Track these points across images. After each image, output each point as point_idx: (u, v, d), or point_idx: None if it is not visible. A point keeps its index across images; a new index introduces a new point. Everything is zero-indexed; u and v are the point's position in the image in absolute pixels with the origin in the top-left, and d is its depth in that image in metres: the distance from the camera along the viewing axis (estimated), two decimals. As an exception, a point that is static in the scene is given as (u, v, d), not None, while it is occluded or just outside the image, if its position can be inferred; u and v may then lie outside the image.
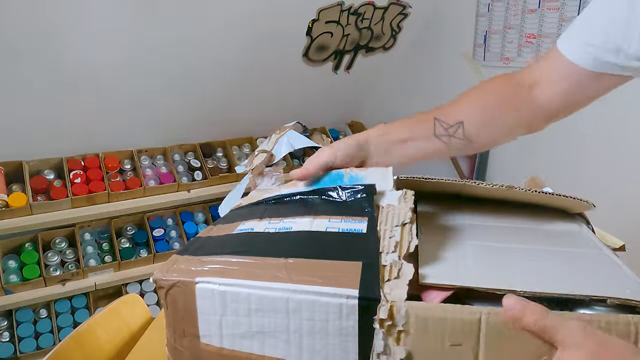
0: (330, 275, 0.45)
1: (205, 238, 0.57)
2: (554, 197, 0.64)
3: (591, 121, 1.69)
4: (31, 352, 1.76)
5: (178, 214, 2.18)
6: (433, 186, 0.67)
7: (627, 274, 0.50)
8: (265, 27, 1.97)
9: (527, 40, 1.98)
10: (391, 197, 0.60)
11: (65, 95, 1.79)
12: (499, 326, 0.42)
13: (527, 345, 0.42)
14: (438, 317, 0.43)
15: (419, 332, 0.43)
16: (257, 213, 0.62)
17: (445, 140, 0.72)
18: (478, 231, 0.62)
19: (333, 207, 0.60)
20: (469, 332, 0.42)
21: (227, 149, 2.28)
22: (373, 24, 2.22)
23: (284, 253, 0.49)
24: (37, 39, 1.59)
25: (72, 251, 1.92)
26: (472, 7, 2.15)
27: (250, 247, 0.53)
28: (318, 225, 0.55)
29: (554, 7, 1.87)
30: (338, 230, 0.53)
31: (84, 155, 1.98)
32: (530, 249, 0.57)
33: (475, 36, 2.17)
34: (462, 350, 0.42)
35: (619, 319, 0.42)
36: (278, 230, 0.55)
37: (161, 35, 1.80)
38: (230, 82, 2.11)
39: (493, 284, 0.47)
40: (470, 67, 2.22)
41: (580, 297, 0.45)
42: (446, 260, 0.53)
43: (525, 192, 0.62)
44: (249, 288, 0.46)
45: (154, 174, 2.08)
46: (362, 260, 0.47)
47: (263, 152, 0.79)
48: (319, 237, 0.53)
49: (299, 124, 0.82)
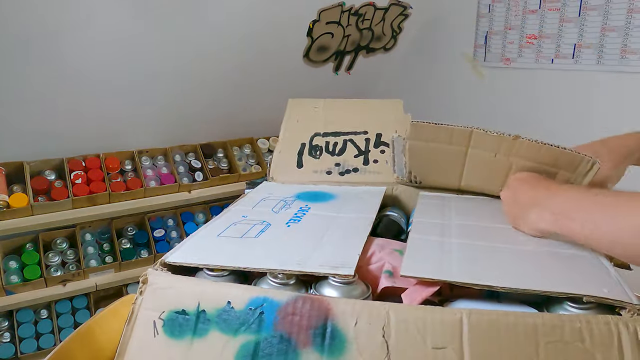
0: None
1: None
2: (561, 151, 0.65)
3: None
4: (32, 352, 1.77)
5: (179, 215, 2.18)
6: (438, 167, 0.73)
7: (610, 275, 0.50)
8: (266, 28, 1.97)
9: (527, 41, 1.98)
10: None
11: (66, 96, 1.80)
12: (482, 326, 0.42)
13: (512, 345, 0.42)
14: (418, 318, 0.43)
15: (400, 334, 0.43)
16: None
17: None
18: (469, 230, 0.63)
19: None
20: (451, 334, 0.42)
21: (228, 150, 2.28)
22: (374, 24, 2.22)
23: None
24: (38, 39, 1.60)
25: (73, 252, 1.92)
26: (473, 7, 2.15)
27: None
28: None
29: (555, 8, 1.87)
30: None
31: (85, 155, 1.99)
32: (518, 249, 0.57)
33: (476, 37, 2.17)
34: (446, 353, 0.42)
35: (598, 319, 0.42)
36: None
37: (162, 35, 1.80)
38: (231, 83, 2.12)
39: (471, 280, 0.47)
40: (471, 67, 2.22)
41: (556, 294, 0.45)
42: (431, 257, 0.54)
43: (531, 142, 0.65)
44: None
45: (154, 174, 2.08)
46: None
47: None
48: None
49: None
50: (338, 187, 0.86)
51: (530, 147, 0.66)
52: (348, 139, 0.91)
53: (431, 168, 0.77)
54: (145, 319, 0.49)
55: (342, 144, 0.91)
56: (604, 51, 1.74)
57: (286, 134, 0.94)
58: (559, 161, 0.65)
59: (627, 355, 0.41)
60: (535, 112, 1.99)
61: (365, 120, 0.93)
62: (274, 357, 0.44)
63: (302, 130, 0.94)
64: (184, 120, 2.17)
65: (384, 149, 0.90)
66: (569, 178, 0.66)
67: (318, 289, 0.52)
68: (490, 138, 0.68)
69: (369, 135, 0.91)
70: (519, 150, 0.66)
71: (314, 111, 0.96)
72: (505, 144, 0.67)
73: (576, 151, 0.64)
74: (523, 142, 0.66)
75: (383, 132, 0.91)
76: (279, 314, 0.46)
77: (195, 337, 0.47)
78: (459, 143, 0.71)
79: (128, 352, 0.49)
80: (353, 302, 0.46)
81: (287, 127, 0.95)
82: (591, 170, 0.64)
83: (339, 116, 0.95)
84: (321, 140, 0.92)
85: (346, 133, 0.92)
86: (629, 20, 1.67)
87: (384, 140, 0.90)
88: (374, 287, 0.55)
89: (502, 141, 0.67)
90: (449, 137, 0.71)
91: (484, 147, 0.69)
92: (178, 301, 0.49)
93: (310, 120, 0.95)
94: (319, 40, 2.15)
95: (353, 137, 0.92)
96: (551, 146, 0.64)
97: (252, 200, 0.78)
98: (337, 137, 0.92)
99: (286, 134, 0.94)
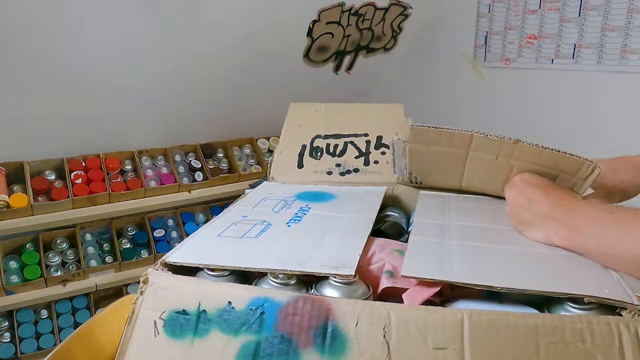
0: None
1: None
2: (561, 155, 0.65)
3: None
4: (32, 352, 1.76)
5: (179, 215, 2.18)
6: (439, 168, 0.73)
7: (610, 276, 0.50)
8: (266, 28, 1.97)
9: (527, 41, 1.98)
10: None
11: (66, 96, 1.80)
12: (483, 326, 0.42)
13: (513, 345, 0.42)
14: (419, 318, 0.43)
15: (401, 334, 0.43)
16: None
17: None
18: (470, 231, 0.63)
19: None
20: (452, 335, 0.42)
21: (228, 150, 2.28)
22: (374, 24, 2.22)
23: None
24: (38, 39, 1.60)
25: (73, 252, 1.92)
26: (473, 7, 2.15)
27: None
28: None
29: (555, 8, 1.87)
30: None
31: (85, 155, 1.99)
32: (519, 250, 0.57)
33: (476, 37, 2.17)
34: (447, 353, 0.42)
35: (599, 320, 0.42)
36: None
37: (162, 35, 1.80)
38: (231, 83, 2.12)
39: (472, 280, 0.47)
40: (471, 67, 2.22)
41: (557, 294, 0.45)
42: (432, 258, 0.54)
43: (532, 147, 0.65)
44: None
45: (154, 174, 2.08)
46: None
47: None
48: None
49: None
50: (338, 187, 0.86)
51: (531, 151, 0.66)
52: (349, 141, 0.92)
53: (432, 170, 0.77)
54: (145, 319, 0.49)
55: (342, 146, 0.92)
56: (604, 51, 1.75)
57: (287, 136, 0.95)
58: (559, 165, 0.65)
59: (627, 355, 0.41)
60: (535, 112, 1.99)
61: (366, 124, 0.94)
62: (274, 357, 0.44)
63: (303, 133, 0.94)
64: (184, 120, 2.17)
65: (384, 151, 0.90)
66: (570, 180, 0.66)
67: (318, 289, 0.52)
68: (490, 142, 0.68)
69: (370, 137, 0.92)
70: (519, 154, 0.67)
71: (315, 115, 0.96)
72: (506, 148, 0.67)
73: (577, 155, 0.64)
74: (524, 146, 0.66)
75: (384, 134, 0.92)
76: (279, 314, 0.46)
77: (196, 337, 0.47)
78: (459, 146, 0.71)
79: (128, 352, 0.49)
80: (354, 302, 0.46)
81: (288, 130, 0.96)
82: (591, 175, 0.64)
83: (340, 120, 0.95)
84: (322, 142, 0.92)
85: (347, 135, 0.93)
86: (629, 20, 1.67)
87: (384, 142, 0.91)
88: (374, 288, 0.55)
89: (502, 145, 0.67)
90: (449, 140, 0.71)
91: (485, 150, 0.69)
92: (179, 301, 0.49)
93: (312, 123, 0.95)
94: (319, 40, 2.15)
95: (354, 139, 0.92)
96: (552, 150, 0.65)
97: (252, 200, 0.78)
98: (337, 140, 0.93)
99: (287, 136, 0.95)
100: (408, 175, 0.80)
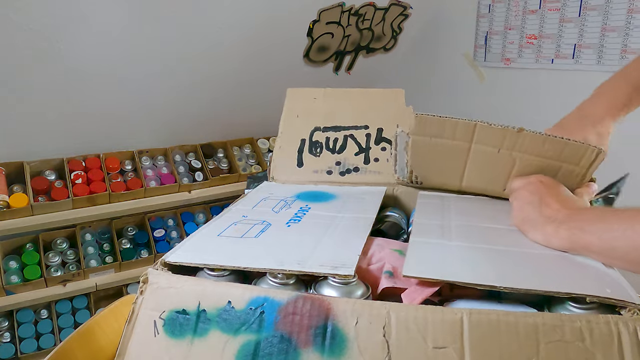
0: None
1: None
2: (565, 142, 0.65)
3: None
4: (32, 352, 1.76)
5: (179, 215, 2.18)
6: (440, 165, 0.73)
7: (611, 275, 0.50)
8: (266, 28, 1.97)
9: (528, 41, 1.98)
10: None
11: (66, 96, 1.80)
12: (483, 326, 0.42)
13: (512, 344, 0.42)
14: (419, 318, 0.43)
15: (401, 333, 0.43)
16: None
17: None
18: (469, 231, 0.63)
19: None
20: (451, 334, 0.42)
21: (228, 150, 2.28)
22: (374, 24, 2.22)
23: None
24: (38, 39, 1.60)
25: (73, 252, 1.92)
26: (473, 8, 2.15)
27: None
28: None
29: (555, 8, 1.87)
30: None
31: (85, 155, 1.99)
32: (519, 250, 0.57)
33: (476, 37, 2.17)
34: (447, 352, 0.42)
35: (598, 319, 0.42)
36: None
37: (161, 35, 1.80)
38: (231, 83, 2.12)
39: (472, 280, 0.47)
40: (471, 68, 2.22)
41: (558, 294, 0.45)
42: (432, 257, 0.54)
43: (535, 134, 0.66)
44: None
45: (154, 174, 2.08)
46: None
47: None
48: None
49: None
50: (338, 187, 0.86)
51: (534, 140, 0.66)
52: (349, 134, 0.91)
53: (433, 167, 0.77)
54: (145, 318, 0.49)
55: (342, 140, 0.91)
56: (604, 51, 1.75)
57: (286, 128, 0.94)
58: (563, 154, 0.65)
59: (627, 354, 0.41)
60: (535, 112, 1.99)
61: (366, 113, 0.93)
62: (274, 356, 0.44)
63: (302, 125, 0.93)
64: (184, 120, 2.17)
65: (384, 146, 0.90)
66: (573, 170, 0.66)
67: (318, 289, 0.52)
68: (494, 131, 0.68)
69: (370, 130, 0.91)
70: (522, 145, 0.66)
71: (314, 102, 0.95)
72: (509, 138, 0.67)
73: (580, 141, 0.64)
74: (527, 135, 0.66)
75: (384, 126, 0.91)
76: (279, 314, 0.46)
77: (195, 336, 0.47)
78: (462, 138, 0.71)
79: (128, 352, 0.49)
80: (353, 301, 0.46)
81: (287, 121, 0.95)
82: (596, 160, 0.64)
83: (339, 108, 0.94)
84: (321, 136, 0.92)
85: (347, 128, 0.92)
86: (629, 20, 1.67)
87: (385, 136, 0.90)
88: (374, 288, 0.55)
89: (506, 134, 0.67)
90: (452, 131, 0.71)
91: (488, 142, 0.69)
92: (178, 301, 0.49)
93: (310, 113, 0.94)
94: (319, 40, 2.15)
95: (354, 132, 0.91)
96: (555, 137, 0.65)
97: (252, 200, 0.78)
98: (337, 132, 0.92)
99: (286, 128, 0.94)
100: (409, 175, 0.80)
